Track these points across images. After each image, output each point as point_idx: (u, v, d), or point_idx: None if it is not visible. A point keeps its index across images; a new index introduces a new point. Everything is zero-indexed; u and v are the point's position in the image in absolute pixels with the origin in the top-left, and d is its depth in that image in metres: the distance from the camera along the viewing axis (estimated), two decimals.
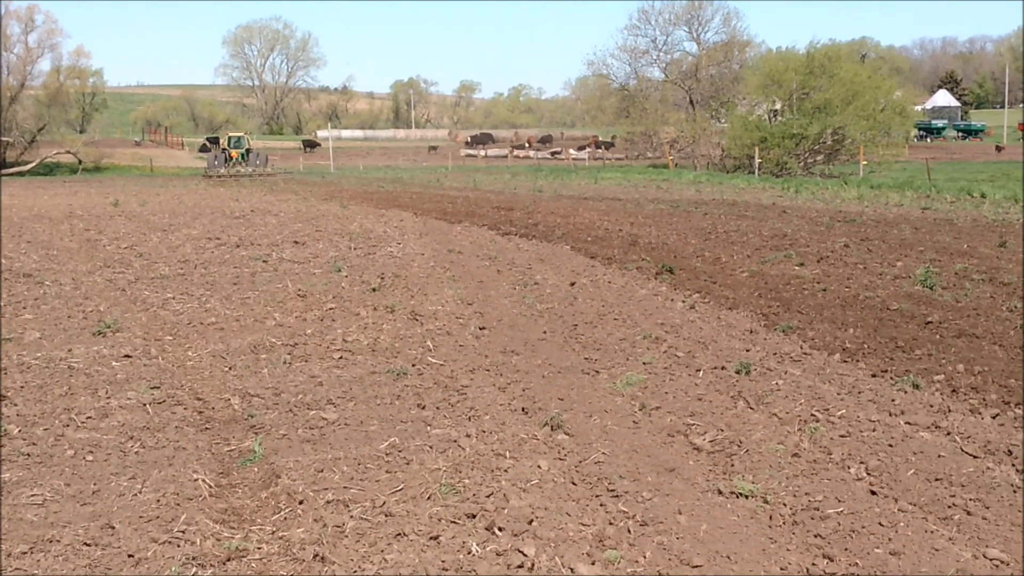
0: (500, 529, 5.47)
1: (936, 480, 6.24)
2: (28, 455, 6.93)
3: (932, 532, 5.48)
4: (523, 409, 7.94)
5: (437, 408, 8.01)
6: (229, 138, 73.43)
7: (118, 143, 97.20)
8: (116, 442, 7.23)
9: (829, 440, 7.04)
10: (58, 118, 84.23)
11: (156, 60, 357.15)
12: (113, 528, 5.60)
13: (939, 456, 6.64)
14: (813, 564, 5.12)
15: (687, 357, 9.64)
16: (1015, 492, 6.01)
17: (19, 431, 7.46)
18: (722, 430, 7.32)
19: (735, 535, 5.45)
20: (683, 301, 12.68)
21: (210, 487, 6.35)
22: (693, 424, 7.50)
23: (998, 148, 77.38)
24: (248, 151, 69.36)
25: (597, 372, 9.15)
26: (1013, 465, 6.49)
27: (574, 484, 6.27)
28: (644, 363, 9.39)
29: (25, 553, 5.28)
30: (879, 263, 15.30)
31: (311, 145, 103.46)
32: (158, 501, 6.05)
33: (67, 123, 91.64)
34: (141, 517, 5.78)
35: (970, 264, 14.70)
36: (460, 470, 6.48)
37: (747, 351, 9.86)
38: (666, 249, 17.72)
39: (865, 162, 48.60)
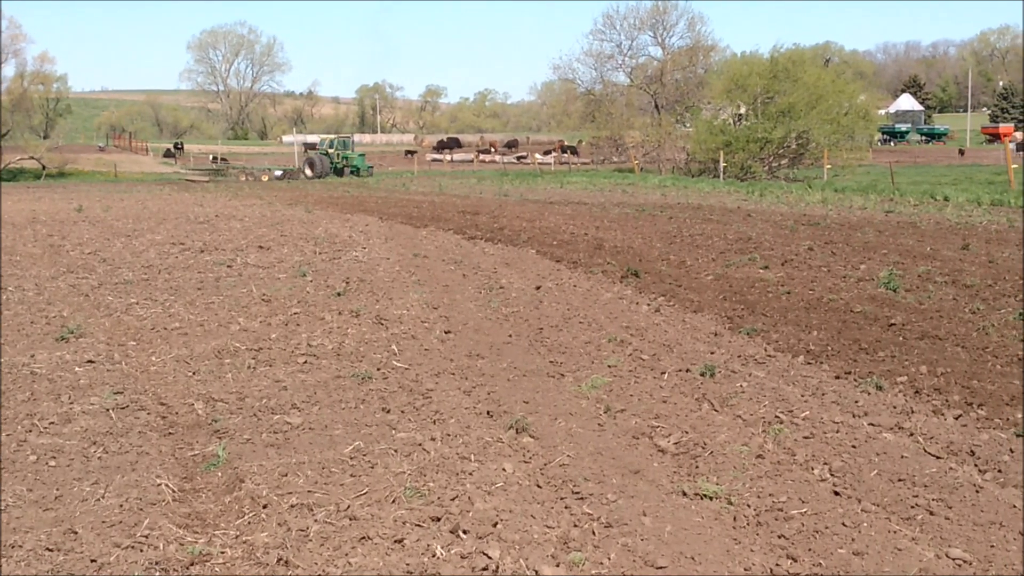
0: (465, 532, 5.46)
1: (899, 481, 6.29)
2: None
3: (895, 532, 5.53)
4: (488, 412, 7.93)
5: (402, 412, 7.99)
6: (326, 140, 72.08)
7: (82, 149, 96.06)
8: (79, 447, 7.16)
9: (793, 441, 7.08)
10: (22, 124, 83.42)
11: (120, 65, 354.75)
12: (76, 533, 5.55)
13: (902, 457, 6.70)
14: (777, 565, 5.15)
15: (652, 360, 9.68)
16: (977, 492, 6.07)
17: None
18: (687, 432, 7.35)
19: (699, 536, 5.47)
20: (648, 304, 12.72)
21: (173, 492, 6.31)
22: (658, 426, 7.52)
23: (961, 152, 78.30)
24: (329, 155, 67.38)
25: (562, 375, 9.16)
26: (976, 465, 6.56)
27: (539, 487, 6.27)
28: (609, 366, 9.41)
29: None
30: (843, 266, 15.41)
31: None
32: (121, 506, 5.99)
33: (31, 129, 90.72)
34: (104, 522, 5.73)
35: (933, 267, 14.82)
36: (425, 473, 6.47)
37: (712, 353, 9.91)
38: (631, 253, 17.77)
39: (829, 166, 48.94)
